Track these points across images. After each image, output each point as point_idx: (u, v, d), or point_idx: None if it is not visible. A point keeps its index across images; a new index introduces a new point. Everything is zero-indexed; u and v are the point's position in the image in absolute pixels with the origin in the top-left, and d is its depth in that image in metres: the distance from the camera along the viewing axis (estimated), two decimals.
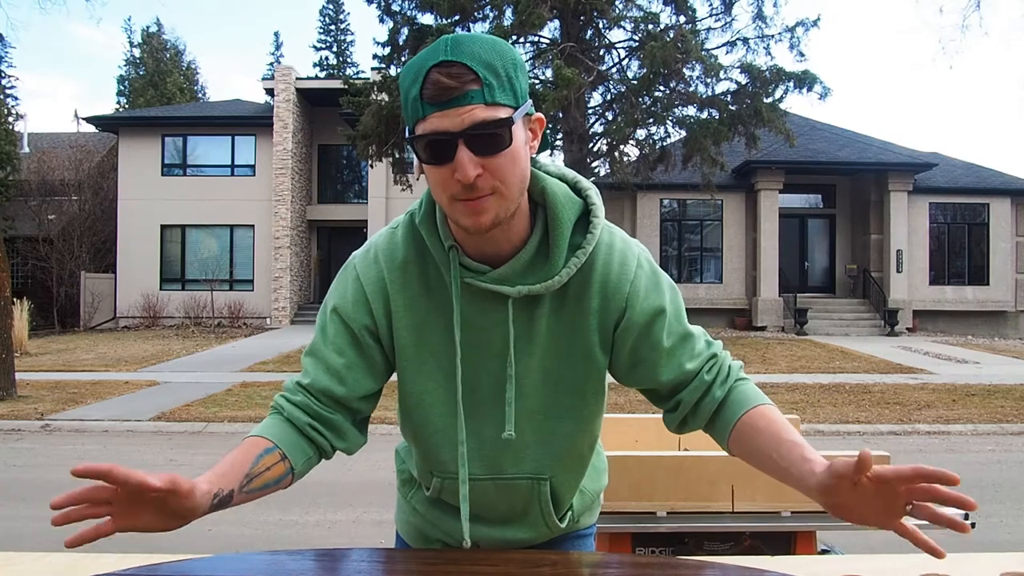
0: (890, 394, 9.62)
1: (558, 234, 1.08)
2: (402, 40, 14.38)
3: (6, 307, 9.41)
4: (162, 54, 33.96)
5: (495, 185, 0.98)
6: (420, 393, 1.15)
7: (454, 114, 0.94)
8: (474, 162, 0.96)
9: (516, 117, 0.97)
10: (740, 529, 2.05)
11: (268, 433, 1.09)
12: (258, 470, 1.04)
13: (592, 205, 1.12)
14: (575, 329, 1.12)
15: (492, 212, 1.00)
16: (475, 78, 0.94)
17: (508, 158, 0.98)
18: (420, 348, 1.13)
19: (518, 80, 0.98)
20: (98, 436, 7.57)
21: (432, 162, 0.98)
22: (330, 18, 40.57)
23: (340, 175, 23.27)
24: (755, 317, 18.72)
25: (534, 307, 1.10)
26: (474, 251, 1.09)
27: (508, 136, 0.97)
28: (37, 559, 1.17)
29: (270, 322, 20.27)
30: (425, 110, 0.95)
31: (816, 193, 20.41)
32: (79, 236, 21.39)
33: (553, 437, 1.16)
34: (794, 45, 14.26)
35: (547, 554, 1.21)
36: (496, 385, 1.12)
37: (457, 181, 0.96)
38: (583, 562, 1.18)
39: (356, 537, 4.32)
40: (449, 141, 0.95)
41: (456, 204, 1.00)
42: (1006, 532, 4.48)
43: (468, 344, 1.11)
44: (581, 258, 1.08)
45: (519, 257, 1.08)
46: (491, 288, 1.07)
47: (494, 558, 1.17)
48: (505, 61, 0.97)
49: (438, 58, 0.94)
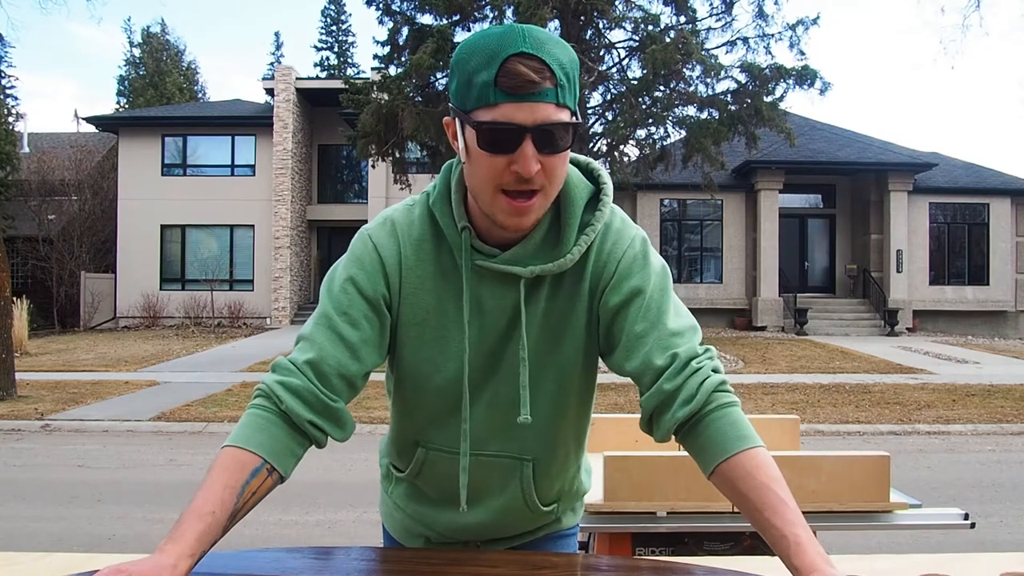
0: (890, 394, 9.62)
1: (570, 213, 1.09)
2: (402, 40, 14.38)
3: (6, 307, 9.41)
4: (162, 54, 33.95)
5: (544, 183, 1.00)
6: (420, 370, 1.14)
7: (528, 108, 0.95)
8: (536, 158, 0.97)
9: (578, 120, 1.00)
10: (740, 529, 2.05)
11: (255, 443, 0.99)
12: (243, 502, 0.96)
13: (603, 184, 1.14)
14: (568, 311, 1.12)
15: (536, 213, 1.03)
16: (551, 76, 0.95)
17: (562, 160, 1.01)
18: (426, 326, 1.12)
19: (578, 82, 1.01)
20: (98, 436, 7.57)
21: (492, 150, 0.97)
22: (331, 18, 40.58)
23: (340, 175, 23.28)
24: (755, 317, 18.72)
25: (537, 288, 1.11)
26: (486, 233, 1.09)
27: (570, 140, 0.99)
28: (37, 559, 1.17)
29: (270, 322, 20.27)
30: (497, 97, 0.95)
31: (816, 193, 20.41)
32: (79, 236, 21.39)
33: (540, 419, 1.14)
34: (794, 44, 14.26)
35: (548, 555, 1.21)
36: (495, 365, 1.13)
37: (513, 172, 0.97)
38: (585, 565, 1.18)
39: (356, 537, 4.31)
40: (517, 133, 0.96)
41: (499, 198, 1.00)
42: (1006, 532, 4.47)
43: (474, 325, 1.11)
44: (590, 235, 1.09)
45: (531, 237, 1.08)
46: (503, 269, 1.08)
47: (495, 559, 1.17)
48: (574, 66, 0.99)
49: (517, 48, 0.94)
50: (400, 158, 15.20)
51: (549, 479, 1.22)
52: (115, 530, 4.52)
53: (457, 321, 1.11)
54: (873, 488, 2.01)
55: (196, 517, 0.91)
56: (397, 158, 15.11)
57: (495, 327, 1.11)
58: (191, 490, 0.96)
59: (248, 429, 1.00)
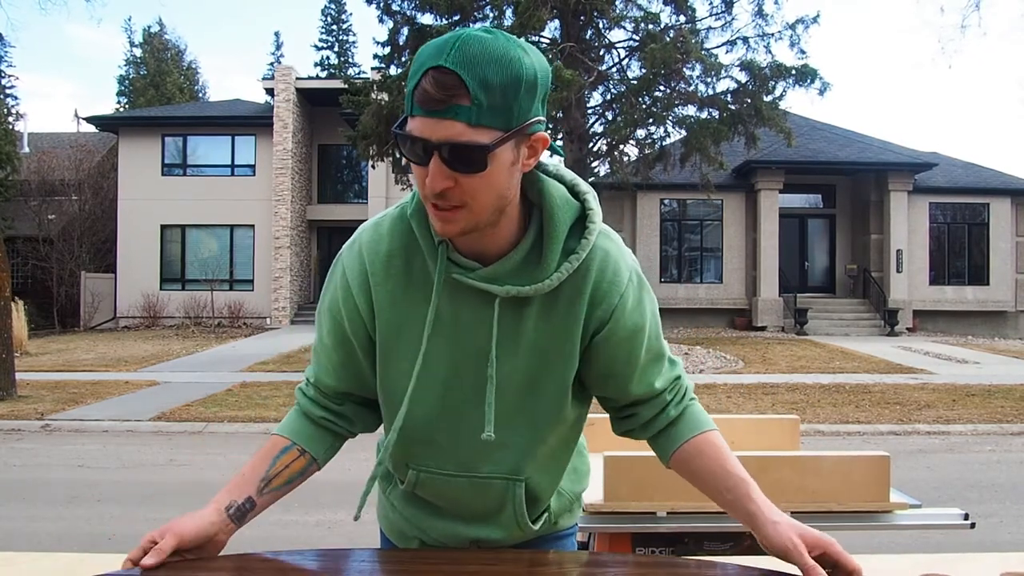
0: (890, 394, 9.61)
1: (552, 237, 1.06)
2: (402, 40, 14.37)
3: (6, 307, 9.41)
4: (163, 54, 33.96)
5: (465, 200, 0.97)
6: (397, 386, 1.13)
7: (435, 124, 0.92)
8: (444, 174, 0.94)
9: (498, 143, 0.93)
10: (740, 529, 2.04)
11: (286, 430, 1.19)
12: (275, 471, 1.14)
13: (589, 210, 1.09)
14: (563, 333, 1.10)
15: (460, 224, 0.99)
16: (465, 94, 0.90)
17: (483, 181, 0.96)
18: (399, 341, 1.11)
19: (519, 101, 0.93)
20: (98, 436, 7.56)
21: (412, 160, 0.97)
22: (332, 18, 40.55)
23: (340, 175, 23.27)
24: (755, 317, 18.72)
25: (522, 308, 1.08)
26: (465, 247, 1.07)
27: (483, 161, 0.94)
28: (37, 559, 1.17)
29: (270, 322, 20.27)
30: (414, 110, 0.94)
31: (816, 193, 20.41)
32: (79, 236, 21.40)
33: (532, 440, 1.15)
34: (794, 43, 14.24)
35: (548, 554, 1.21)
36: (477, 384, 1.11)
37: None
38: (584, 562, 1.18)
39: (356, 537, 4.31)
40: (423, 147, 0.94)
41: (430, 206, 1.00)
42: (1006, 532, 4.47)
43: (451, 341, 1.10)
44: (574, 264, 1.06)
45: (510, 257, 1.06)
46: (478, 286, 1.06)
47: (496, 557, 1.17)
48: (509, 80, 0.92)
49: (436, 62, 0.91)
50: (400, 158, 15.19)
51: (543, 495, 1.23)
52: (115, 530, 4.51)
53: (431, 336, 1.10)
54: (873, 488, 2.01)
55: (232, 480, 1.13)
56: (397, 158, 15.10)
57: (471, 343, 1.10)
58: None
59: (284, 422, 1.21)
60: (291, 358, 13.20)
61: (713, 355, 13.48)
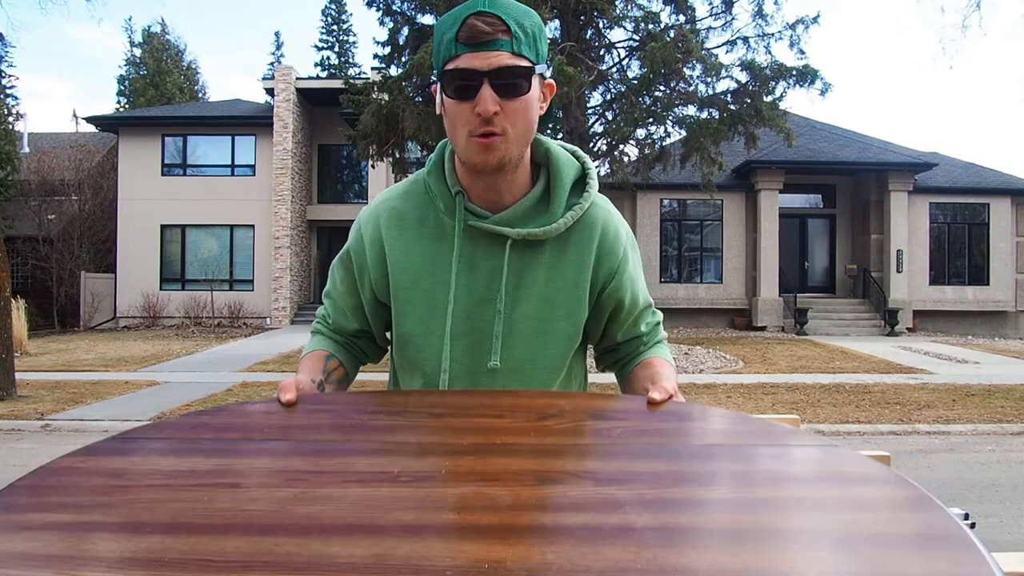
0: (890, 394, 9.61)
1: (559, 185, 1.20)
2: (402, 40, 14.37)
3: (6, 307, 9.41)
4: (163, 54, 33.94)
5: (506, 127, 1.09)
6: (414, 331, 1.22)
7: (484, 56, 1.06)
8: (493, 99, 1.07)
9: (535, 71, 1.10)
10: None
11: (321, 346, 1.32)
12: (328, 370, 1.27)
13: (588, 169, 1.25)
14: (572, 279, 1.21)
15: (500, 152, 1.11)
16: (506, 29, 1.07)
17: (522, 105, 1.10)
18: (415, 289, 1.21)
19: (541, 42, 1.11)
20: (98, 436, 7.54)
21: (456, 97, 1.09)
22: (332, 18, 40.58)
23: (340, 175, 23.27)
24: (755, 317, 18.72)
25: (533, 254, 1.19)
26: (478, 199, 1.19)
27: (527, 84, 1.09)
28: None
29: (270, 322, 20.27)
30: (458, 50, 1.07)
31: (816, 193, 20.42)
32: (79, 236, 21.40)
33: (533, 377, 1.22)
34: (795, 43, 14.24)
35: (555, 399, 1.13)
36: (487, 322, 1.19)
37: (476, 115, 1.08)
38: (594, 408, 1.09)
39: None
40: (475, 77, 1.06)
41: (471, 141, 1.10)
42: (1006, 532, 4.47)
43: (465, 285, 1.19)
44: (578, 211, 1.20)
45: (522, 203, 1.19)
46: (493, 229, 1.17)
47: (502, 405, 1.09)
48: (533, 23, 1.10)
49: (476, 8, 1.07)
50: (400, 158, 15.18)
51: None
52: None
53: (445, 280, 1.19)
54: None
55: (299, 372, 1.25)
56: (397, 158, 15.10)
57: (484, 286, 1.19)
58: None
59: (313, 342, 1.34)
60: (291, 358, 13.19)
61: (713, 355, 13.48)
